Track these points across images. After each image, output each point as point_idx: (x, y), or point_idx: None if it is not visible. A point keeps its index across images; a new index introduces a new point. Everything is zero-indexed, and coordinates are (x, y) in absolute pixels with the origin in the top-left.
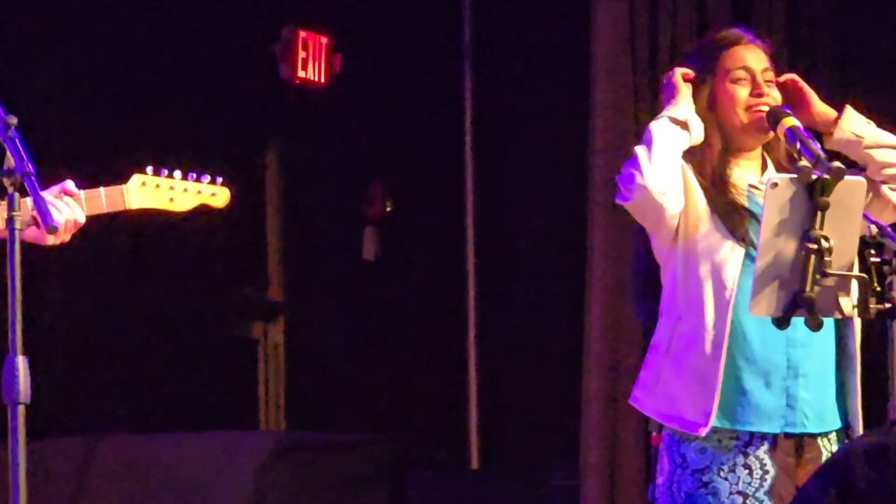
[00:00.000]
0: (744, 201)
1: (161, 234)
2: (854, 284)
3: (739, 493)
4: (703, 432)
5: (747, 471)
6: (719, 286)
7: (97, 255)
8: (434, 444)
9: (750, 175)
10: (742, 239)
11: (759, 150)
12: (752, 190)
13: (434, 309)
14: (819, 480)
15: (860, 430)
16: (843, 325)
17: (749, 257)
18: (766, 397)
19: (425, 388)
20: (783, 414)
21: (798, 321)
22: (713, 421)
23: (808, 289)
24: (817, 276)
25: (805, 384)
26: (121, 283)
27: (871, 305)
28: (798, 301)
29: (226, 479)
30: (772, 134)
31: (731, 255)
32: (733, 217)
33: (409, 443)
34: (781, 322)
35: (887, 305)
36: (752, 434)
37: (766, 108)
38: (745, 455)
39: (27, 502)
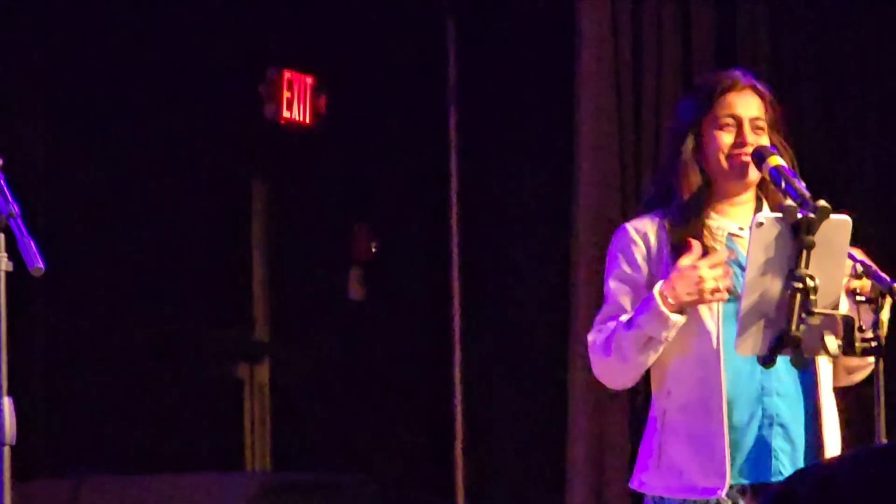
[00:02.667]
0: (719, 249)
1: (146, 274)
2: (840, 323)
3: None
4: (722, 493)
5: None
6: (705, 345)
7: (81, 297)
8: (420, 485)
9: (739, 220)
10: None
11: (751, 194)
12: (733, 238)
13: (419, 349)
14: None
15: None
16: (810, 375)
17: (730, 303)
18: (744, 449)
19: (411, 428)
20: (754, 465)
21: (776, 368)
22: (730, 480)
23: (793, 328)
24: (803, 315)
25: (782, 433)
26: (105, 324)
27: (857, 344)
28: (784, 340)
29: None
30: (753, 180)
31: (709, 309)
32: None
33: (395, 483)
34: (767, 361)
35: (873, 344)
36: (729, 486)
37: (748, 159)
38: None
39: None
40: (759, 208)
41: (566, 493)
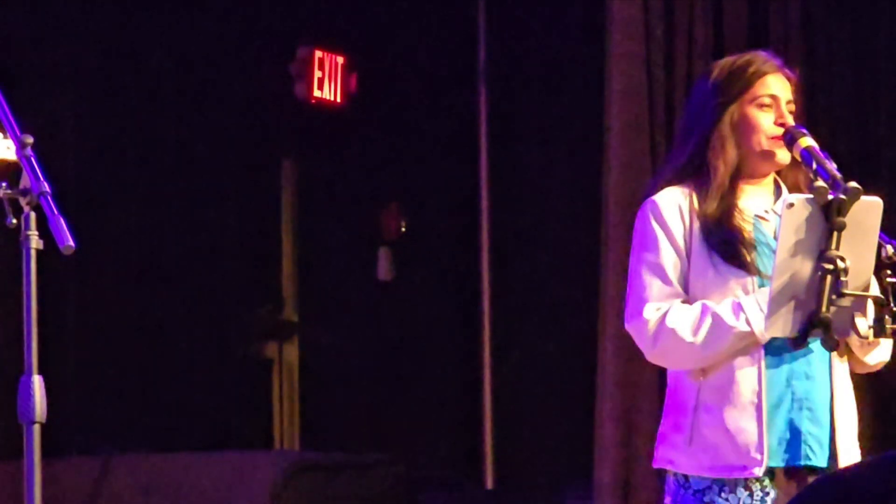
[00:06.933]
0: (749, 229)
1: (176, 254)
2: (870, 305)
3: None
4: (760, 472)
5: (748, 492)
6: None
7: (111, 276)
8: (449, 465)
9: (760, 202)
10: (749, 269)
11: (771, 177)
12: (759, 220)
13: (448, 329)
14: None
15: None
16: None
17: (761, 286)
18: (774, 432)
19: (440, 408)
20: (786, 448)
21: (804, 352)
22: (767, 458)
23: (823, 309)
24: (833, 297)
25: (811, 416)
26: (134, 303)
27: (888, 325)
28: (814, 321)
29: (240, 498)
30: (785, 163)
31: (744, 290)
32: (736, 249)
33: (424, 463)
34: (798, 342)
35: None
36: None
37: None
38: (747, 478)
39: None
40: (777, 191)
41: (594, 473)
